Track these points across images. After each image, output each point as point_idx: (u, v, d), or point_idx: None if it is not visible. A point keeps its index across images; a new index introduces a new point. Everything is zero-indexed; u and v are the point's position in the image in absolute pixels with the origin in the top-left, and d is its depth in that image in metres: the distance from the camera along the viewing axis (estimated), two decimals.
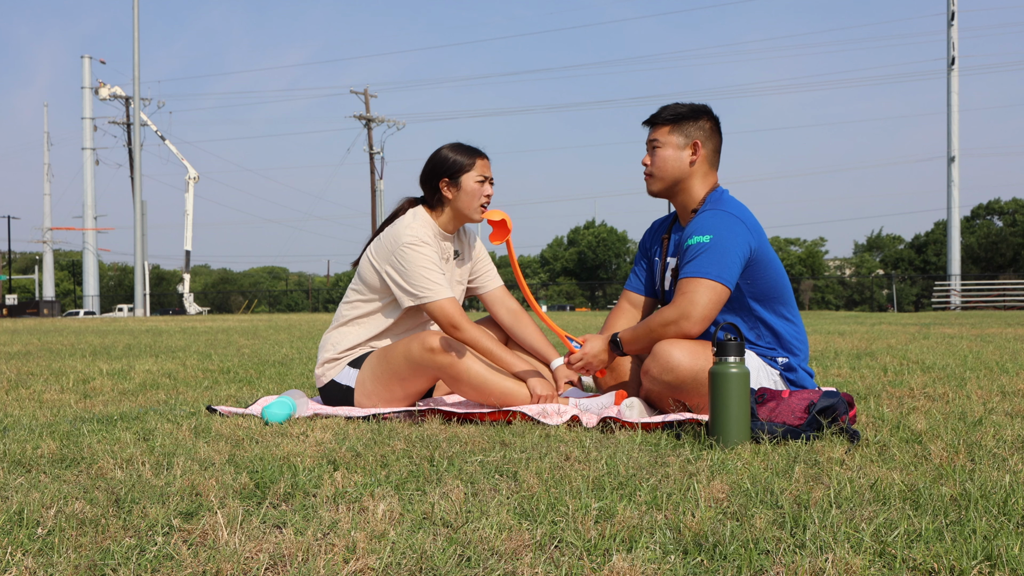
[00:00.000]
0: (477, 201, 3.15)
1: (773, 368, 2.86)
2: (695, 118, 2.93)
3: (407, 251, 3.04)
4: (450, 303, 3.02)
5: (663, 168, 2.94)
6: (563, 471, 2.01)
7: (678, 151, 2.92)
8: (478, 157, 3.17)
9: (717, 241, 2.73)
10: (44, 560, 1.41)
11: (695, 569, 1.36)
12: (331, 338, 3.22)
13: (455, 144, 3.21)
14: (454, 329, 3.02)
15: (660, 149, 2.94)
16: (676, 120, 2.93)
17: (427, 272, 3.03)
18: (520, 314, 3.30)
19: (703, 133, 2.93)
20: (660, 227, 3.17)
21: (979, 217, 56.75)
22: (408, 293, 3.05)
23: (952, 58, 31.25)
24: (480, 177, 3.15)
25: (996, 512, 1.62)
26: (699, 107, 2.96)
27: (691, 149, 2.92)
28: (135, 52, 34.38)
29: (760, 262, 2.81)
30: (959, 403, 3.16)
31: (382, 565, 1.38)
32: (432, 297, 3.02)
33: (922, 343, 7.08)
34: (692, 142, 2.92)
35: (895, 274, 49.69)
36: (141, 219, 36.74)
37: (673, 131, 2.93)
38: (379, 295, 3.16)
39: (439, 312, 3.02)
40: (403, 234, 3.07)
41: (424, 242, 3.07)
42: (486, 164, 3.18)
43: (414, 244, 3.05)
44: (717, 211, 2.81)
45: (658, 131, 2.96)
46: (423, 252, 3.05)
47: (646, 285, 3.16)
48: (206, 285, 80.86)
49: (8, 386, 4.28)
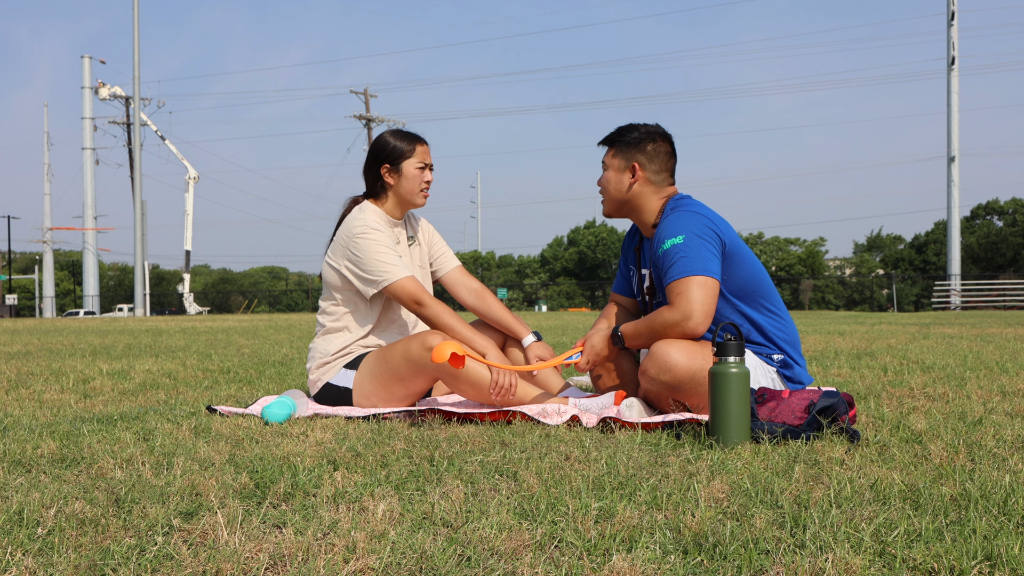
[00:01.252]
0: (418, 186, 3.21)
1: (770, 365, 2.86)
2: (637, 142, 2.96)
3: (359, 241, 3.09)
4: (410, 281, 3.05)
5: (605, 189, 3.03)
6: (563, 471, 2.01)
7: (618, 174, 2.99)
8: (418, 143, 3.22)
9: (689, 238, 2.76)
10: (44, 560, 1.41)
11: (695, 569, 1.36)
12: (318, 346, 3.23)
13: (395, 130, 3.27)
14: (418, 306, 3.05)
15: (605, 171, 3.03)
16: (615, 144, 3.00)
17: (382, 255, 3.07)
18: (483, 292, 3.31)
19: (644, 156, 2.96)
20: (633, 235, 3.20)
21: (979, 217, 56.73)
22: (368, 281, 3.08)
23: (952, 58, 31.25)
24: (420, 163, 3.20)
25: (996, 512, 1.62)
26: (648, 131, 2.98)
27: (630, 172, 2.96)
28: (135, 52, 34.38)
29: (733, 256, 2.83)
30: (959, 403, 3.16)
31: (382, 565, 1.38)
32: (390, 278, 3.05)
33: (922, 343, 7.08)
34: (631, 165, 2.96)
35: (895, 274, 49.68)
36: (141, 219, 36.74)
37: (616, 155, 3.00)
38: (345, 295, 3.19)
39: (400, 291, 3.05)
40: (353, 227, 3.12)
41: (375, 228, 3.11)
42: (426, 150, 3.23)
43: (364, 233, 3.09)
44: (680, 211, 2.86)
45: (605, 153, 3.04)
46: (375, 238, 3.09)
47: (635, 287, 3.17)
48: (206, 285, 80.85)
49: (8, 386, 4.28)
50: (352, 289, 3.17)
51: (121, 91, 46.96)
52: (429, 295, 3.09)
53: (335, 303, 3.22)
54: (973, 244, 52.84)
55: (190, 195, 44.73)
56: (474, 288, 3.34)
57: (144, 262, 37.69)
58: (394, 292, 3.06)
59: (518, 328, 3.22)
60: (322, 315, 3.26)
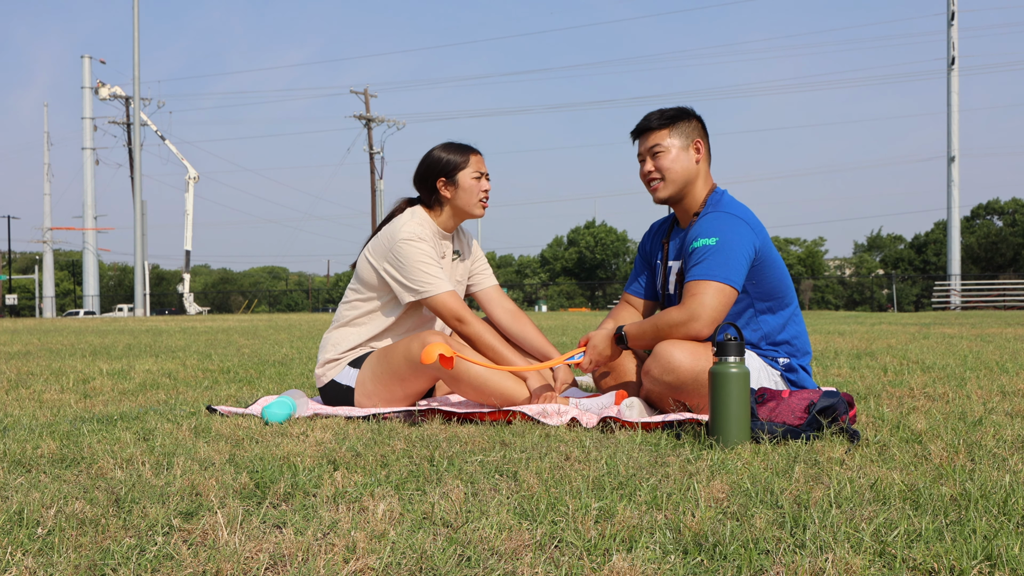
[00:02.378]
0: (476, 197, 3.16)
1: (774, 368, 2.86)
2: (688, 118, 2.92)
3: (404, 247, 3.04)
4: (451, 296, 3.02)
5: (673, 171, 2.89)
6: (563, 471, 2.01)
7: (683, 152, 2.90)
8: (471, 153, 3.17)
9: (723, 243, 2.72)
10: (44, 560, 1.41)
11: (695, 569, 1.36)
12: (331, 338, 3.22)
13: (447, 144, 3.22)
14: (459, 323, 3.02)
15: (665, 153, 2.90)
16: (673, 122, 2.91)
17: (426, 267, 3.03)
18: (518, 314, 3.28)
19: (699, 132, 2.93)
20: (659, 231, 3.16)
21: (979, 217, 56.74)
22: (408, 289, 3.05)
23: (952, 58, 31.24)
24: (476, 173, 3.15)
25: (996, 512, 1.62)
26: (690, 110, 2.95)
27: (695, 148, 2.91)
28: (135, 52, 34.38)
29: (764, 262, 2.81)
30: (959, 403, 3.16)
31: (382, 565, 1.38)
32: (432, 291, 3.02)
33: (922, 343, 7.08)
34: (693, 141, 2.91)
35: (895, 274, 49.67)
36: (141, 219, 36.73)
37: (672, 134, 2.91)
38: (378, 294, 3.16)
39: (441, 306, 3.02)
40: (400, 231, 3.07)
41: (421, 238, 3.07)
42: (480, 160, 3.19)
43: (411, 240, 3.05)
44: (720, 213, 2.81)
45: (655, 136, 2.92)
46: (420, 248, 3.05)
47: (646, 288, 3.15)
48: (206, 285, 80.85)
49: (8, 386, 4.28)
50: (385, 290, 3.14)
51: (121, 91, 46.95)
52: (471, 312, 3.05)
53: (363, 298, 3.18)
54: (973, 244, 52.84)
55: (190, 195, 44.73)
56: (510, 309, 3.29)
57: (144, 262, 37.69)
58: (434, 305, 3.03)
59: (549, 351, 3.18)
60: (345, 304, 3.22)
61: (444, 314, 3.03)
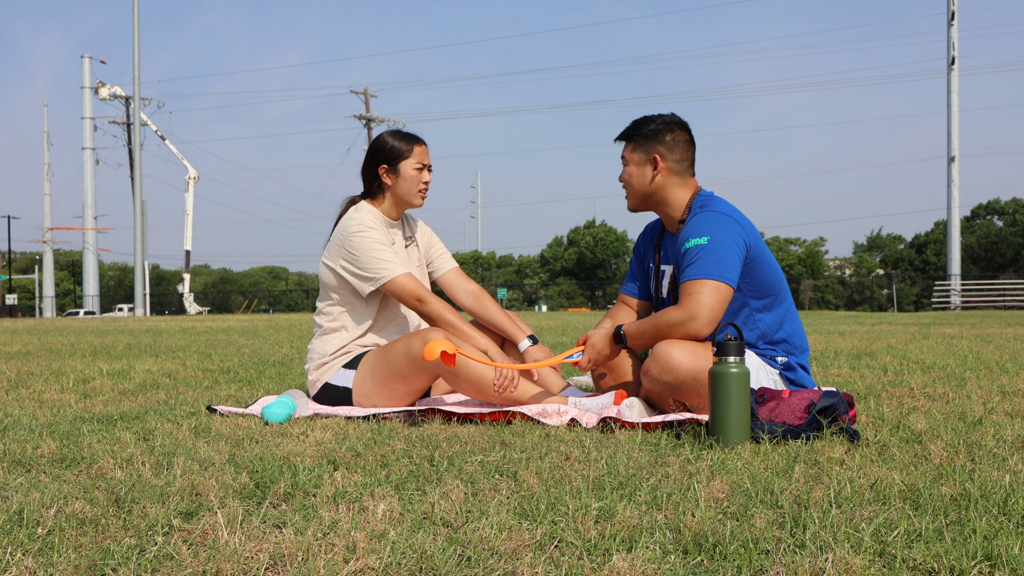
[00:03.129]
0: (415, 187, 3.21)
1: (773, 368, 2.86)
2: (655, 133, 2.94)
3: (355, 239, 3.09)
4: (408, 278, 3.07)
5: (629, 184, 3.00)
6: (563, 471, 2.01)
7: (638, 168, 2.96)
8: (416, 144, 3.22)
9: (714, 241, 2.73)
10: (44, 560, 1.41)
11: (695, 569, 1.36)
12: (315, 347, 3.24)
13: (394, 131, 3.28)
14: (419, 302, 3.07)
15: (626, 167, 3.00)
16: (633, 137, 2.97)
17: (378, 253, 3.08)
18: (481, 294, 3.32)
19: (664, 147, 2.93)
20: (651, 234, 3.18)
21: (979, 217, 56.72)
22: (365, 279, 3.09)
23: (952, 58, 31.25)
24: (418, 164, 3.20)
25: (996, 512, 1.62)
26: (664, 121, 2.95)
27: (651, 164, 2.93)
28: (135, 52, 34.38)
29: (756, 260, 2.82)
30: (959, 403, 3.16)
31: (382, 565, 1.38)
32: (388, 275, 3.06)
33: (922, 343, 7.08)
34: (651, 157, 2.93)
35: (895, 274, 49.67)
36: (141, 219, 36.73)
37: (635, 148, 2.97)
38: (341, 294, 3.19)
39: (399, 288, 3.06)
40: (348, 225, 3.13)
41: (370, 227, 3.12)
42: (424, 151, 3.23)
43: (360, 231, 3.10)
44: (709, 212, 2.82)
45: (624, 148, 3.01)
46: (370, 236, 3.10)
47: (641, 289, 3.16)
48: (206, 285, 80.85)
49: (8, 386, 4.28)
50: (348, 288, 3.17)
51: (121, 91, 46.97)
52: (429, 292, 3.10)
53: (332, 303, 3.22)
54: (973, 244, 52.83)
55: (190, 195, 44.73)
56: (472, 290, 3.34)
57: (144, 262, 37.69)
58: (392, 289, 3.07)
59: (515, 332, 3.21)
60: (319, 316, 3.26)
61: (403, 296, 3.07)
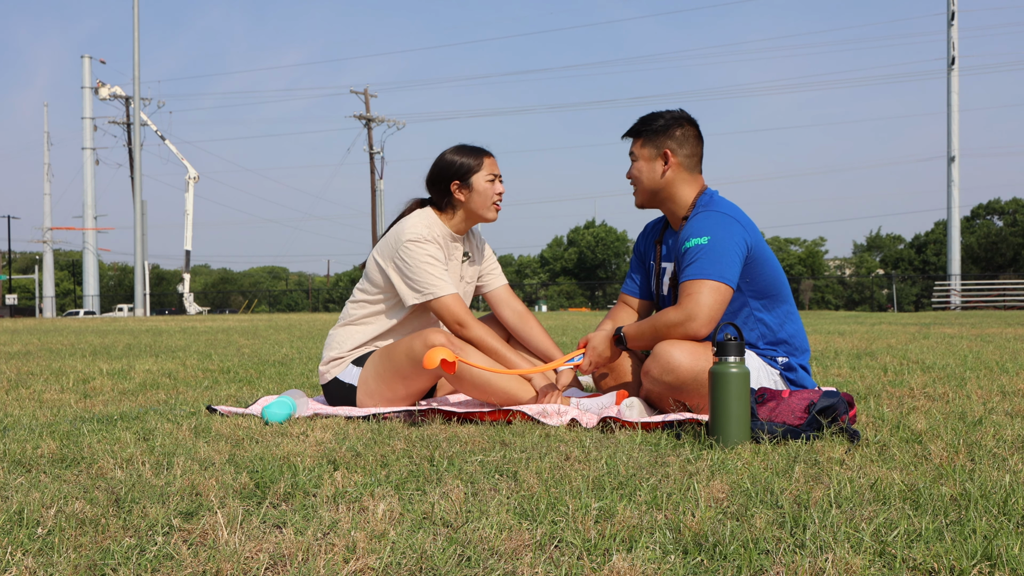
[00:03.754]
0: (490, 200, 3.16)
1: (773, 368, 2.86)
2: (665, 128, 2.93)
3: (410, 248, 3.04)
4: (454, 300, 3.02)
5: (638, 180, 2.98)
6: (563, 471, 2.01)
7: (649, 163, 2.95)
8: (485, 156, 3.17)
9: (715, 241, 2.73)
10: (44, 560, 1.41)
11: (695, 569, 1.36)
12: (336, 336, 3.22)
13: (460, 146, 3.21)
14: (460, 327, 3.02)
15: (635, 162, 2.98)
16: (643, 132, 2.96)
17: (430, 268, 3.03)
18: (525, 315, 3.29)
19: (674, 142, 2.93)
20: (652, 231, 3.17)
21: (979, 217, 56.73)
22: (412, 290, 3.05)
23: (952, 58, 31.24)
24: (490, 176, 3.16)
25: (996, 512, 1.62)
26: (673, 116, 2.95)
27: (662, 160, 2.93)
28: (135, 52, 34.37)
29: (757, 260, 2.81)
30: (959, 403, 3.16)
31: (382, 565, 1.38)
32: (436, 293, 3.02)
33: (922, 343, 7.08)
34: (662, 152, 2.92)
35: (895, 274, 49.67)
36: (141, 219, 36.74)
37: (645, 144, 2.95)
38: (384, 295, 3.16)
39: (444, 309, 3.02)
40: (407, 232, 3.07)
41: (427, 240, 3.07)
42: (493, 162, 3.19)
43: (417, 241, 3.05)
44: (711, 212, 2.82)
45: (633, 144, 2.99)
46: (426, 249, 3.05)
47: (642, 288, 3.16)
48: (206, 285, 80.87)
49: (8, 386, 4.28)
50: (391, 291, 3.14)
51: (121, 91, 46.95)
52: (472, 316, 3.05)
53: (370, 298, 3.19)
54: (973, 244, 52.83)
55: (190, 195, 44.73)
56: (519, 310, 3.29)
57: (144, 262, 37.69)
58: (437, 308, 3.03)
59: (554, 353, 3.19)
60: (352, 304, 3.23)
61: (445, 317, 3.03)
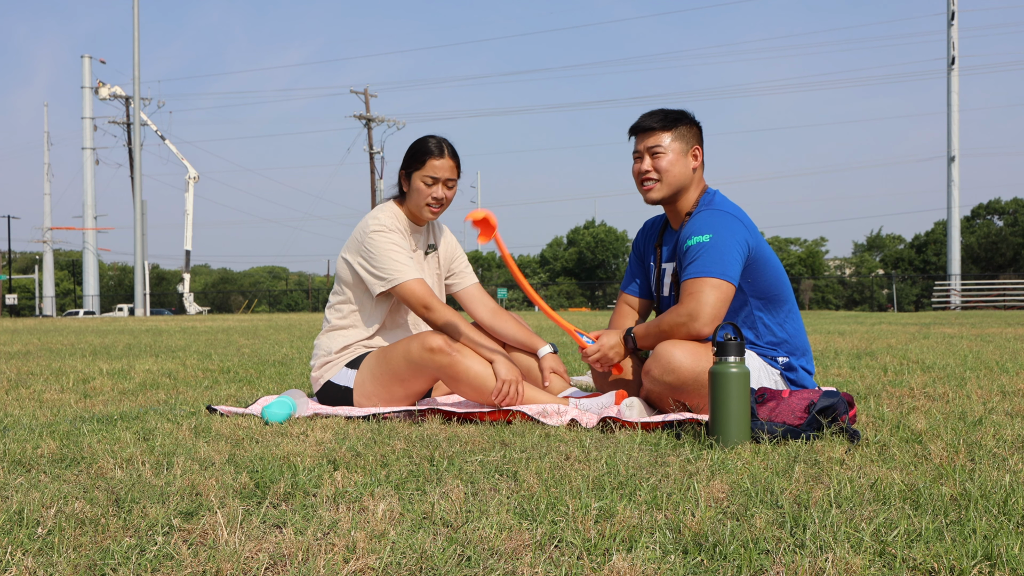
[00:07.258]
0: (423, 200, 3.12)
1: (774, 368, 2.86)
2: (689, 123, 2.92)
3: (373, 237, 3.08)
4: (418, 284, 3.03)
5: (671, 174, 2.88)
6: (563, 471, 2.01)
7: (681, 157, 2.89)
8: (432, 157, 3.09)
9: (716, 240, 2.73)
10: (44, 560, 1.41)
11: (695, 569, 1.36)
12: (322, 343, 3.23)
13: (430, 137, 3.14)
14: (426, 310, 3.03)
15: (664, 155, 2.88)
16: (675, 125, 2.90)
17: (394, 255, 3.05)
18: (499, 311, 3.27)
19: (698, 138, 2.93)
20: (651, 231, 3.15)
21: (979, 217, 56.72)
22: (377, 278, 3.07)
23: (952, 58, 31.24)
24: (429, 178, 3.09)
25: (996, 512, 1.62)
26: (688, 113, 2.94)
27: (693, 155, 2.91)
28: (135, 52, 34.38)
29: (759, 260, 2.81)
30: (959, 403, 3.16)
31: (382, 565, 1.38)
32: (400, 279, 3.03)
33: (922, 343, 7.08)
34: (692, 147, 2.91)
35: (895, 274, 49.65)
36: (141, 219, 36.74)
37: (674, 137, 2.89)
38: (354, 291, 3.18)
39: (409, 293, 3.03)
40: (370, 223, 3.12)
41: (391, 229, 3.10)
42: (440, 166, 3.09)
43: (379, 230, 3.09)
44: (713, 211, 2.82)
45: (656, 136, 2.89)
46: (389, 237, 3.08)
47: (641, 287, 3.15)
48: (206, 285, 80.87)
49: (8, 386, 4.28)
50: (361, 287, 3.16)
51: (121, 91, 46.94)
52: (438, 300, 3.05)
53: (344, 300, 3.21)
54: (973, 244, 52.83)
55: (190, 195, 44.72)
56: (490, 307, 3.27)
57: (144, 262, 37.68)
58: (402, 292, 3.04)
59: (534, 340, 3.17)
60: (330, 310, 3.25)
61: (411, 301, 3.04)
